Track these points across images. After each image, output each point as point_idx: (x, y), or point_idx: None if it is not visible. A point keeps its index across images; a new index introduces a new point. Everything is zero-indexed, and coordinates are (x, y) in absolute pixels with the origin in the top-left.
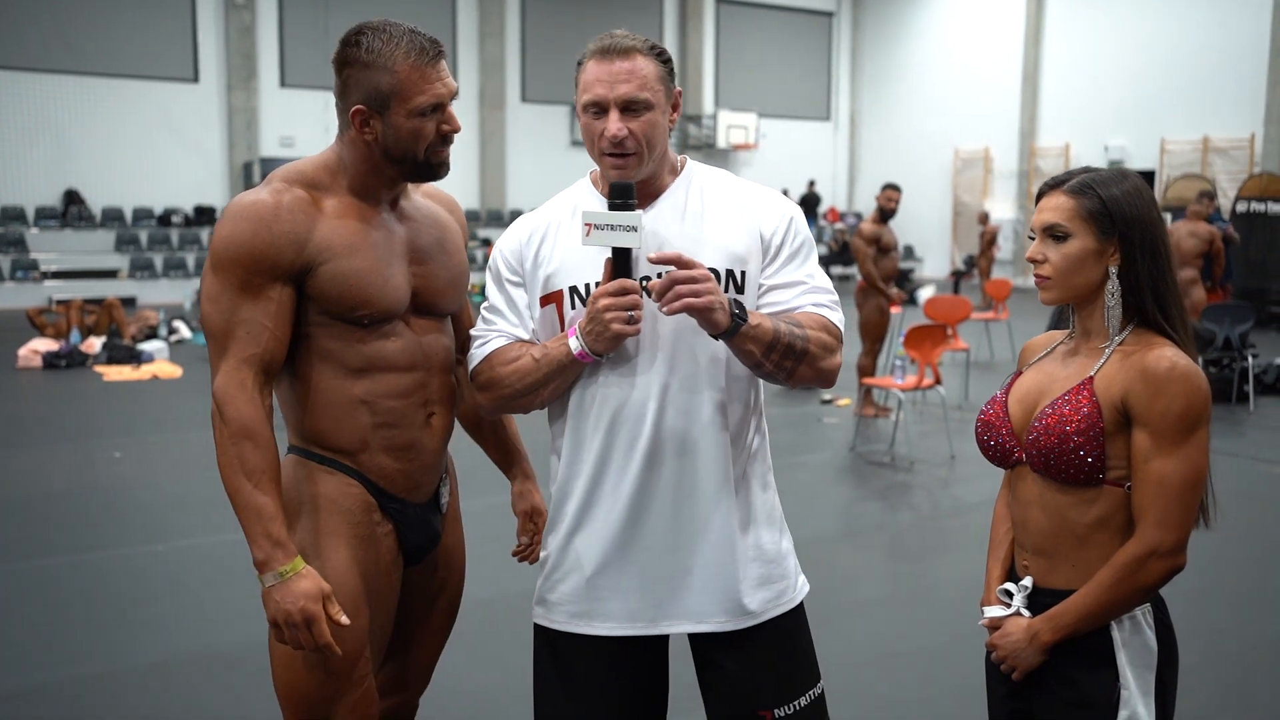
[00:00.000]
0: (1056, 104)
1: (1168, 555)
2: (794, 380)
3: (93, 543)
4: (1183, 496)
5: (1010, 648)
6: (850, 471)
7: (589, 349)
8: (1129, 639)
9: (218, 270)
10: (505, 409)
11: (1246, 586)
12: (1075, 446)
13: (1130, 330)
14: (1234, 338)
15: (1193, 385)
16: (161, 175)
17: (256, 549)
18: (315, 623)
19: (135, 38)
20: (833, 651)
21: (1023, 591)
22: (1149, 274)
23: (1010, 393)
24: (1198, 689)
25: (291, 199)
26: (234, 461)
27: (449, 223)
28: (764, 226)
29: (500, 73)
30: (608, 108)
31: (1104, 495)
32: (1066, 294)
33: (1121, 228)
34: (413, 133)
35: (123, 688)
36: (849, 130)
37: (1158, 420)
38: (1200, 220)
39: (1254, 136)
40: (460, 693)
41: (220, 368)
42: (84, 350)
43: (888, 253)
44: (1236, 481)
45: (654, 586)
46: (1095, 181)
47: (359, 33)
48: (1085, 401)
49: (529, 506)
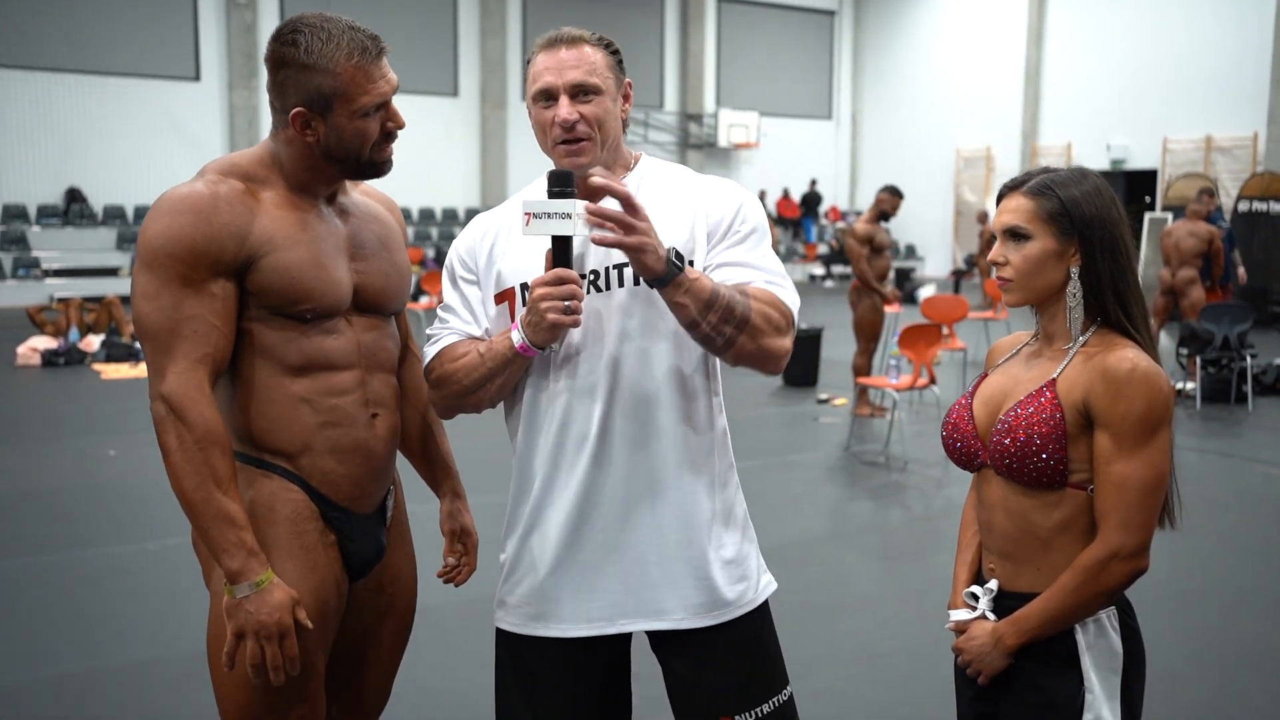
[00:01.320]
0: (1058, 103)
1: (1129, 558)
2: (735, 352)
3: (85, 540)
4: (1144, 499)
5: (975, 651)
6: (844, 471)
7: (529, 341)
8: (1093, 642)
9: (154, 267)
10: (457, 406)
11: (1240, 587)
12: (1038, 450)
13: (1093, 331)
14: (1233, 337)
15: (1154, 387)
16: (163, 173)
17: (230, 559)
18: (288, 635)
19: (137, 36)
20: (821, 651)
21: (988, 595)
22: (1110, 273)
23: (975, 395)
24: (1190, 690)
25: (229, 190)
26: (202, 469)
27: (389, 220)
28: (711, 212)
29: (502, 71)
30: (557, 95)
31: (1067, 498)
32: (1029, 295)
33: (1081, 228)
34: (357, 133)
35: (117, 685)
36: (850, 129)
37: (1119, 422)
38: (1199, 219)
39: (1257, 135)
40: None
41: (169, 369)
42: (82, 348)
43: (881, 252)
44: (1232, 482)
45: (609, 586)
46: (1054, 182)
47: (295, 30)
48: (1048, 404)
49: (457, 527)
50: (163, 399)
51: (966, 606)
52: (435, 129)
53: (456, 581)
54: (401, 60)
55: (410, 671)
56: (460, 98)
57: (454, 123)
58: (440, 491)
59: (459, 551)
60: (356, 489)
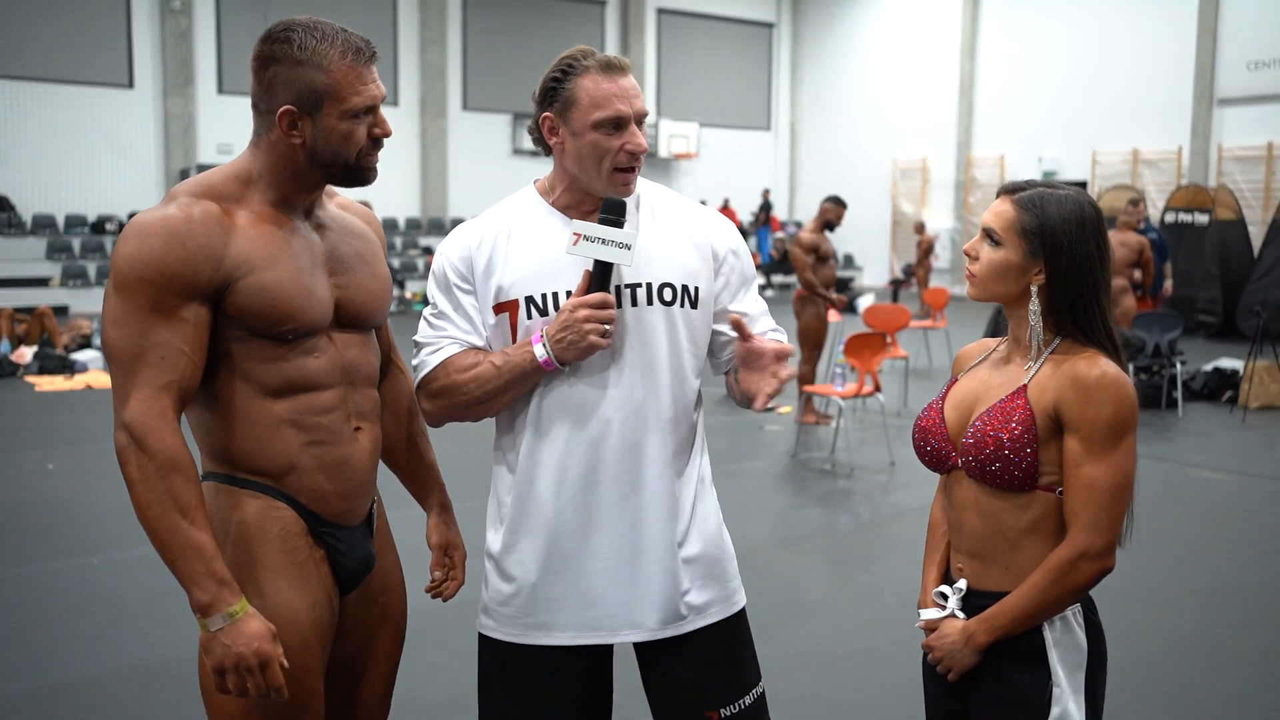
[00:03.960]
0: (992, 115)
1: (1097, 557)
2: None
3: (25, 556)
4: (1112, 501)
5: (946, 649)
6: (790, 478)
7: (556, 358)
8: (1060, 638)
9: (123, 291)
10: (457, 416)
11: (1173, 587)
12: (1010, 453)
13: (1060, 341)
14: (1163, 345)
15: (1122, 393)
16: (95, 182)
17: (199, 591)
18: (269, 665)
19: (69, 43)
20: (773, 655)
21: (957, 594)
22: (1069, 301)
23: (946, 399)
24: (1125, 689)
25: (202, 212)
26: (164, 498)
27: (367, 233)
28: (716, 246)
29: (442, 81)
30: (628, 123)
31: (1037, 500)
32: (986, 295)
33: (1049, 253)
34: (345, 135)
35: (59, 703)
36: (789, 140)
37: (1088, 427)
38: (1130, 229)
39: (1181, 150)
40: (412, 707)
41: (132, 395)
42: (15, 360)
43: (826, 261)
44: (1164, 485)
45: (600, 596)
46: (1043, 200)
47: (288, 29)
48: (1019, 409)
49: (444, 540)
50: (125, 428)
51: (936, 606)
52: None
53: (444, 596)
54: None
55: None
56: (400, 107)
57: (394, 132)
58: (427, 505)
59: (447, 565)
60: (344, 503)
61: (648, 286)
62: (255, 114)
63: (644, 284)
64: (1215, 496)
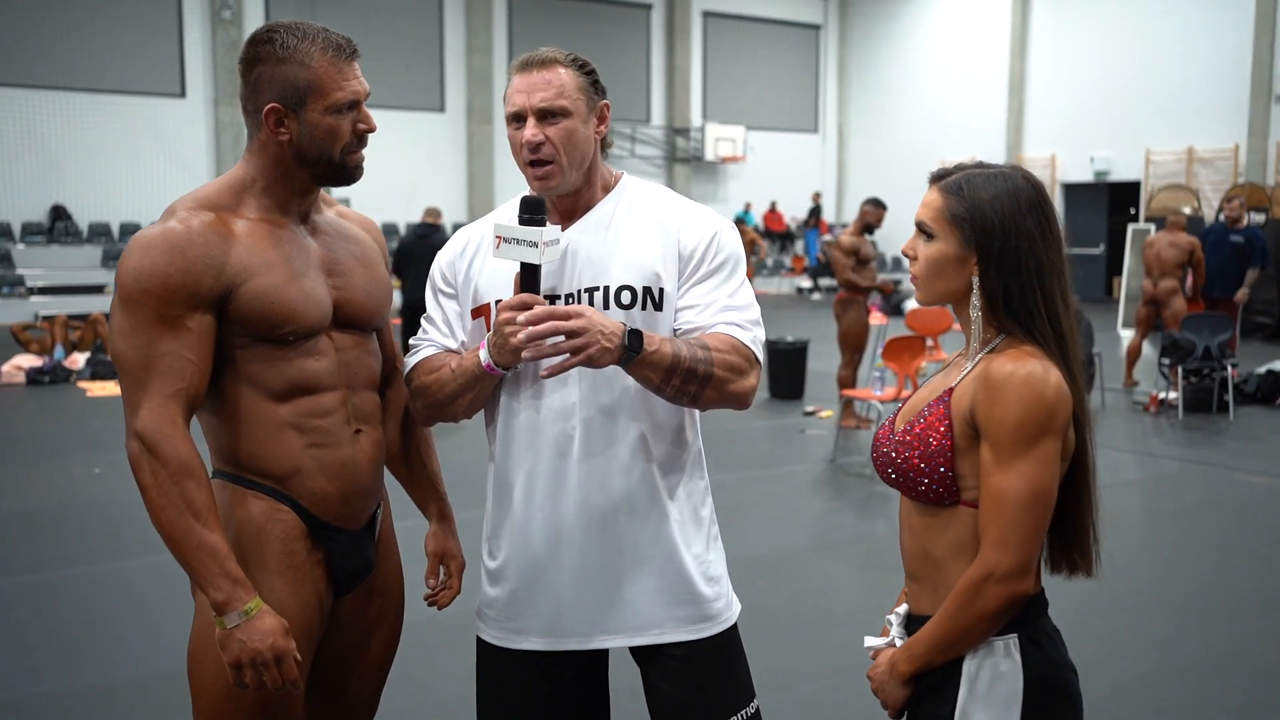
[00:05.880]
0: (1042, 116)
1: (1005, 579)
2: (701, 404)
3: (71, 559)
4: (1020, 515)
5: (878, 680)
6: (828, 483)
7: (494, 362)
8: (980, 671)
9: (129, 304)
10: (434, 416)
11: (1214, 596)
12: (923, 463)
13: (1001, 340)
14: (1214, 347)
15: (1033, 392)
16: (148, 191)
17: (215, 590)
18: (285, 659)
19: (122, 53)
20: (803, 660)
21: (898, 619)
22: (1006, 287)
23: (901, 409)
24: (1161, 697)
25: (201, 223)
26: (178, 502)
27: (363, 238)
28: (684, 241)
29: (488, 86)
30: (526, 116)
31: (959, 517)
32: (933, 296)
33: (980, 237)
34: (329, 131)
35: (105, 704)
36: (837, 142)
37: (995, 430)
38: (1180, 229)
39: (1238, 147)
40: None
41: (143, 404)
42: (68, 366)
43: (866, 264)
44: (1210, 490)
45: (585, 602)
46: (970, 181)
47: (271, 30)
48: (937, 416)
49: (441, 548)
50: (137, 436)
51: (885, 631)
52: (422, 144)
53: (439, 604)
54: (388, 76)
55: (397, 684)
56: (446, 113)
57: (440, 138)
58: (427, 513)
59: (441, 574)
60: (345, 507)
61: (604, 290)
62: (246, 117)
63: (600, 287)
64: (1264, 502)
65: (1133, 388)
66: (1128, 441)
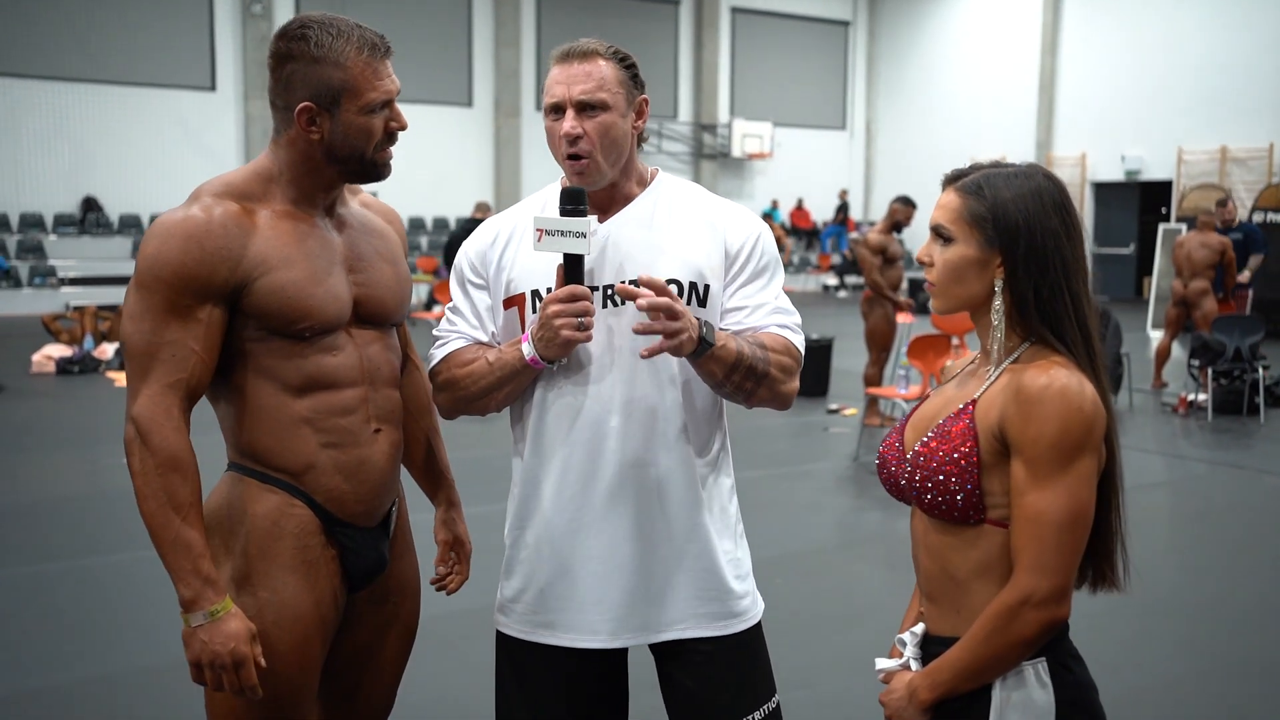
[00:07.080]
0: (1073, 113)
1: (1043, 604)
2: (752, 401)
3: (93, 548)
4: (1060, 537)
5: (894, 706)
6: (853, 481)
7: (540, 355)
8: (1010, 698)
9: (143, 289)
10: (462, 410)
11: (1248, 599)
12: (945, 478)
13: (1025, 348)
14: (1244, 349)
15: (1070, 406)
16: (178, 183)
17: (184, 587)
18: (244, 665)
19: (153, 46)
20: (825, 658)
21: (914, 640)
22: (1035, 289)
23: (910, 420)
24: (1183, 702)
25: (223, 213)
26: (159, 494)
27: (387, 231)
28: (730, 241)
29: (516, 81)
30: (565, 108)
31: (985, 536)
32: (952, 303)
33: (1004, 238)
34: (362, 130)
35: (118, 692)
36: (865, 139)
37: (1030, 447)
38: (1211, 229)
39: (1272, 146)
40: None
41: (141, 391)
42: (97, 356)
43: (894, 263)
44: (1240, 494)
45: (614, 599)
46: (989, 181)
47: (304, 26)
48: (961, 429)
49: (450, 536)
50: (132, 420)
51: (897, 653)
52: (450, 138)
53: (449, 590)
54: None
55: (414, 681)
56: (475, 108)
57: (468, 132)
58: (436, 500)
59: (451, 560)
60: (361, 505)
61: None
62: (274, 111)
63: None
64: None
65: (1162, 389)
66: (1156, 443)
